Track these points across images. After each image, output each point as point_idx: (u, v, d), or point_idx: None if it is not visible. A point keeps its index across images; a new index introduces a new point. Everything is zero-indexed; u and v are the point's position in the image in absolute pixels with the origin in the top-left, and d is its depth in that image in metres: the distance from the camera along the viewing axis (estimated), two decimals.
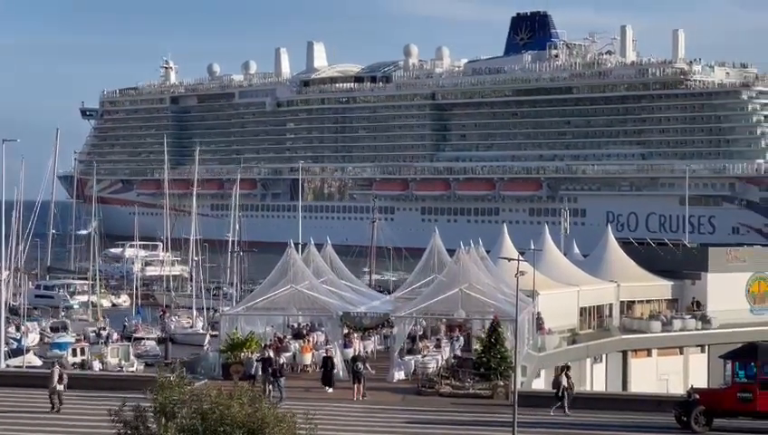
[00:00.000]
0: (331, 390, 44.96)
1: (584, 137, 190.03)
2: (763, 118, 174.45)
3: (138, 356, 64.70)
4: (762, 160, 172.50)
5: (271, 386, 43.40)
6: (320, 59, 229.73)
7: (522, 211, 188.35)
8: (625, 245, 66.47)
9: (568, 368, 44.34)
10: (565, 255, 64.48)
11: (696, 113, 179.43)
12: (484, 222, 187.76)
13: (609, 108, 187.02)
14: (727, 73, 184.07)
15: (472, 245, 54.18)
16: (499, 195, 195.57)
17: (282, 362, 46.91)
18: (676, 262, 64.97)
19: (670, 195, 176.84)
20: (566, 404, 41.61)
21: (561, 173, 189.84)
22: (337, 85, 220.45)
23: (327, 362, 45.80)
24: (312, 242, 55.19)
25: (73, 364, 61.59)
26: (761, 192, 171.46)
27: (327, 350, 47.73)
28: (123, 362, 61.88)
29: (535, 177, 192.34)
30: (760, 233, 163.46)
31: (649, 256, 65.24)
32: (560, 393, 41.81)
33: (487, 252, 57.36)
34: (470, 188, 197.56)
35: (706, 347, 60.49)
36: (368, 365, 45.52)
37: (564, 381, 42.01)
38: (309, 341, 52.16)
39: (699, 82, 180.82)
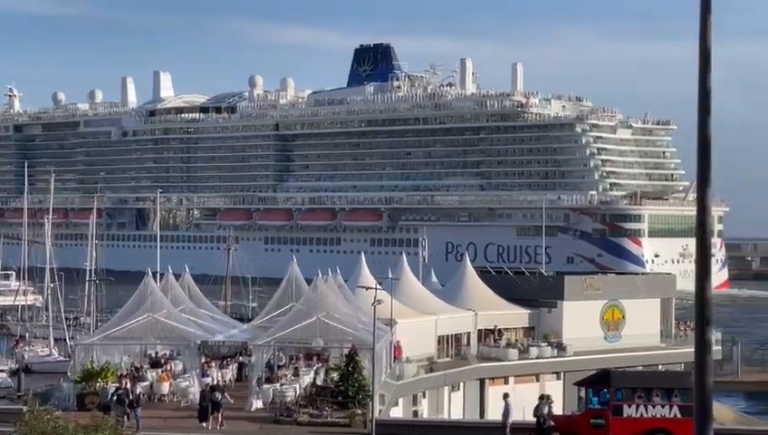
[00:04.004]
0: (206, 425, 43.76)
1: (424, 168, 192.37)
2: (596, 150, 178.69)
3: None
4: (595, 192, 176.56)
5: (127, 416, 42.58)
6: (166, 89, 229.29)
7: (363, 241, 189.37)
8: (483, 273, 66.94)
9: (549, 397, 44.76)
10: (423, 284, 64.79)
11: (532, 145, 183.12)
12: (326, 252, 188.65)
13: (450, 139, 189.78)
14: (563, 106, 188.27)
15: (330, 273, 54.21)
16: (340, 225, 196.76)
17: (138, 391, 46.13)
18: (533, 290, 65.91)
19: (507, 225, 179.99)
20: None
21: (401, 204, 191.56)
22: (183, 115, 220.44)
23: (205, 396, 44.61)
24: (171, 271, 54.55)
25: None
26: (594, 223, 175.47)
27: (214, 386, 46.45)
28: None
29: (376, 207, 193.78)
30: (593, 262, 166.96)
31: (507, 285, 65.96)
32: (544, 424, 41.89)
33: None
34: (312, 218, 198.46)
35: (562, 374, 61.43)
36: (226, 394, 45.00)
37: (545, 411, 42.34)
38: (167, 370, 51.40)
39: (536, 114, 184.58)
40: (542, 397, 45.20)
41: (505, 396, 44.83)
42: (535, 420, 42.69)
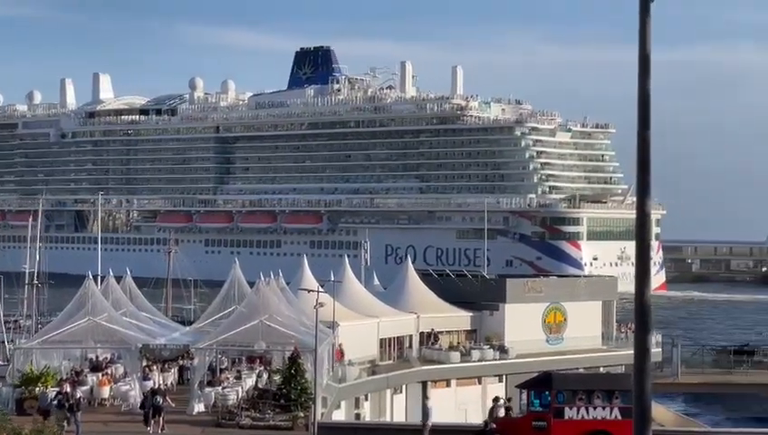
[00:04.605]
0: (149, 429, 43.37)
1: (364, 171, 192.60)
2: (535, 154, 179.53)
3: None
4: (533, 195, 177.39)
5: (67, 421, 42.25)
6: (106, 90, 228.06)
7: (303, 244, 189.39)
8: (425, 276, 66.91)
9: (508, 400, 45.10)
10: (365, 286, 64.68)
11: (472, 148, 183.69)
12: (267, 254, 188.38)
13: (389, 142, 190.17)
14: (503, 110, 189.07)
15: (272, 276, 54.06)
16: (281, 227, 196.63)
17: (78, 395, 45.73)
18: (475, 293, 65.82)
19: (447, 228, 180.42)
20: None
21: (341, 206, 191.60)
22: (122, 117, 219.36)
23: (146, 400, 44.14)
24: (111, 273, 54.19)
25: None
26: (533, 226, 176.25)
27: (155, 390, 46.09)
28: None
29: (316, 210, 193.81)
30: (531, 265, 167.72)
31: (449, 288, 65.87)
32: (486, 427, 42.00)
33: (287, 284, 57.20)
34: (253, 221, 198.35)
35: (504, 377, 61.57)
36: (167, 398, 44.73)
37: (502, 413, 42.65)
38: (107, 374, 51.01)
39: (475, 117, 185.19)
40: (496, 399, 45.48)
41: (425, 399, 45.14)
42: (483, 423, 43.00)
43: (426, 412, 43.12)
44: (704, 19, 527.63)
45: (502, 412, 43.47)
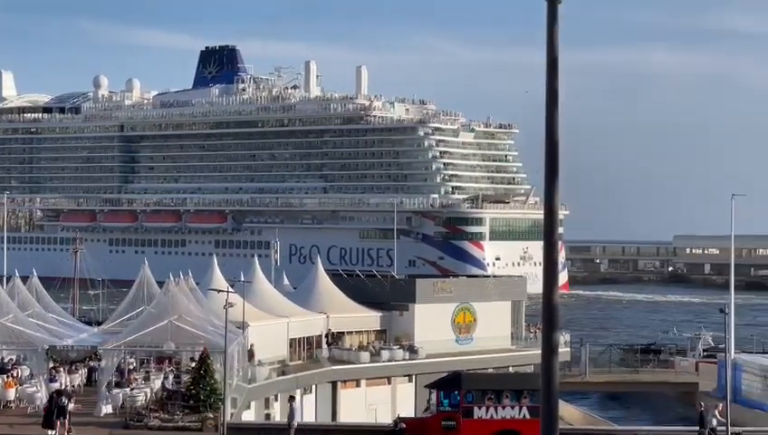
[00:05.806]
0: (53, 432, 42.69)
1: (269, 170, 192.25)
2: (438, 154, 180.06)
3: None
4: (436, 195, 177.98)
5: None
6: (8, 88, 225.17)
7: (207, 243, 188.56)
8: (334, 276, 66.97)
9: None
10: (275, 286, 64.49)
11: (375, 148, 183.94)
12: (171, 253, 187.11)
13: (294, 141, 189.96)
14: (407, 110, 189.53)
15: (182, 275, 53.75)
16: (185, 227, 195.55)
17: None
18: (385, 293, 65.89)
19: (350, 228, 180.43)
20: None
21: (245, 206, 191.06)
22: (25, 115, 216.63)
23: (51, 402, 43.45)
24: (18, 274, 53.50)
25: None
26: (435, 226, 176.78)
27: (60, 391, 45.35)
28: None
29: (220, 209, 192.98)
30: (434, 265, 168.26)
31: (358, 288, 65.90)
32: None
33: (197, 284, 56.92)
34: (157, 220, 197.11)
35: (414, 377, 61.77)
36: (73, 399, 44.18)
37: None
38: (13, 376, 50.28)
39: (379, 117, 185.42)
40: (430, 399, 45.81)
41: (291, 399, 45.43)
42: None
43: (291, 413, 43.23)
44: (614, 21, 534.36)
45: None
